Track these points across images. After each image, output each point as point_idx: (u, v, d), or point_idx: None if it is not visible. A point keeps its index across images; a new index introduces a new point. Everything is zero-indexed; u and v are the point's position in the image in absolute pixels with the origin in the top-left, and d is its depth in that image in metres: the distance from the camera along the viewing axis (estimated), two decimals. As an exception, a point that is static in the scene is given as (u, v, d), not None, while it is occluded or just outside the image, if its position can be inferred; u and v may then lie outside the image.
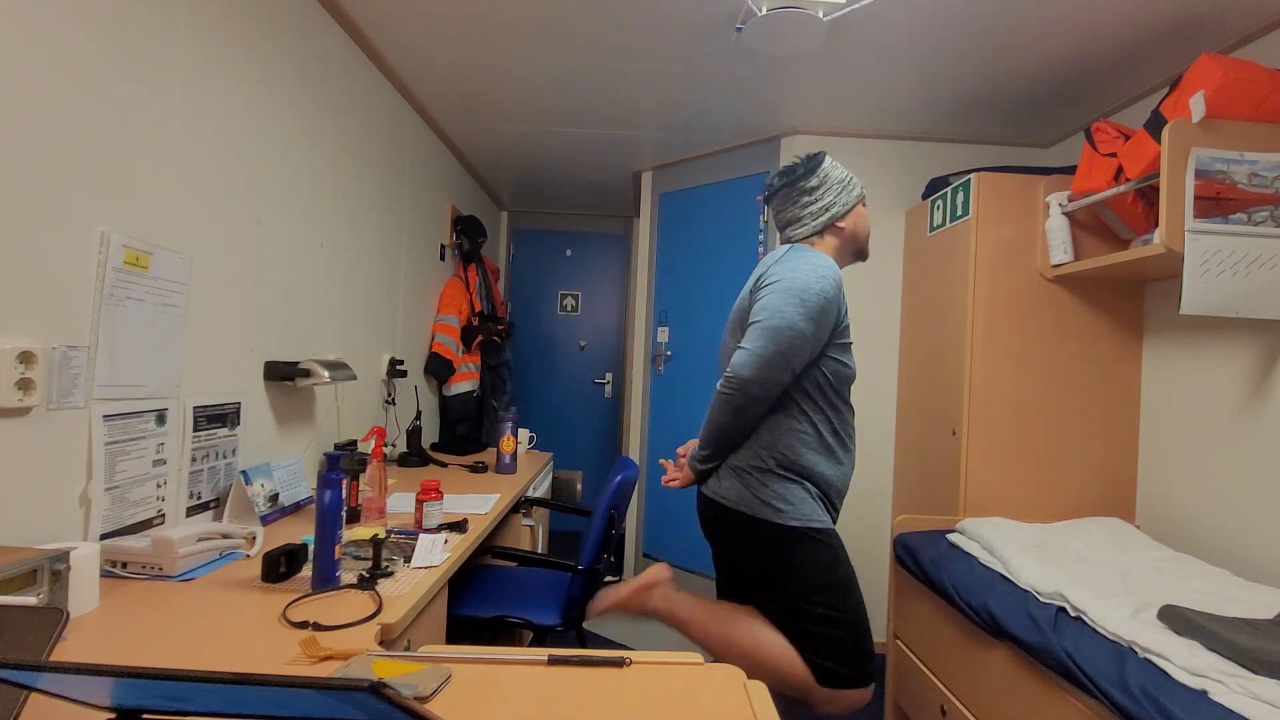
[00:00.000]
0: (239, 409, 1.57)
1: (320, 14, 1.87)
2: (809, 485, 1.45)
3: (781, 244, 1.62)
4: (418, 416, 2.48)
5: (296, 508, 1.67)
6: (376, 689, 0.43)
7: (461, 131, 3.00)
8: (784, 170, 1.59)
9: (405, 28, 2.05)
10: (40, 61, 1.03)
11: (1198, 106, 1.59)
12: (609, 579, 3.44)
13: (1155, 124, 1.69)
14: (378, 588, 1.13)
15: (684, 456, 1.61)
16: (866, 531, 2.77)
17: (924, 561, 1.95)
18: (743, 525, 1.46)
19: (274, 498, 1.57)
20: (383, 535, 1.36)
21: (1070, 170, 2.17)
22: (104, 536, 1.18)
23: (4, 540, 1.00)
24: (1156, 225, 1.72)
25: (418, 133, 2.73)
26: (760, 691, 0.86)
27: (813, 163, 1.54)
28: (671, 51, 2.14)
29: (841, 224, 1.56)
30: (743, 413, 1.42)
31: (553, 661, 0.91)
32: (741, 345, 1.40)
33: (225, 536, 1.28)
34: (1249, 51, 1.86)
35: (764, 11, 1.79)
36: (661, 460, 1.72)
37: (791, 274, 1.41)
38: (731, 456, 1.50)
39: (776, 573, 1.45)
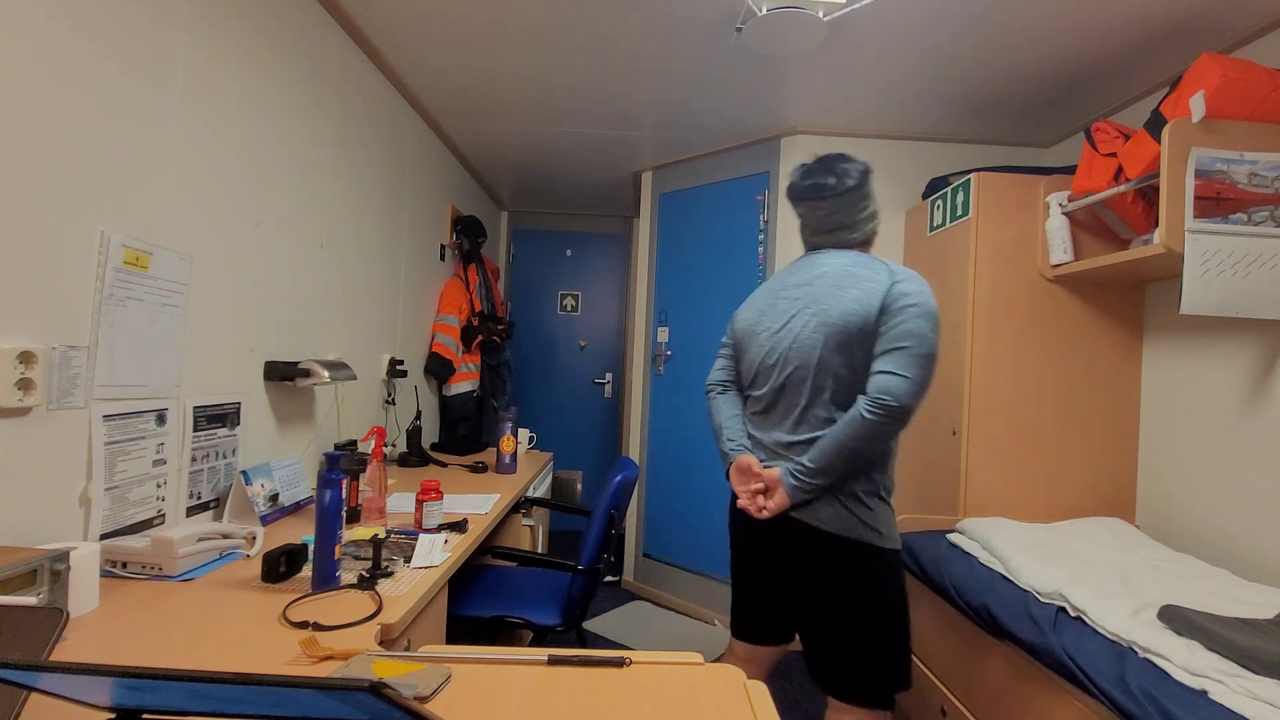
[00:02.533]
0: (239, 409, 1.57)
1: (320, 14, 1.87)
2: (892, 505, 1.42)
3: (814, 248, 1.53)
4: (418, 416, 2.48)
5: (296, 508, 1.67)
6: (376, 689, 0.43)
7: (461, 131, 3.00)
8: (842, 174, 1.46)
9: (405, 28, 2.05)
10: (40, 62, 1.03)
11: (1198, 106, 1.59)
12: (609, 579, 3.44)
13: (1155, 124, 1.69)
14: (378, 588, 1.13)
15: (760, 478, 1.42)
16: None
17: (924, 561, 1.95)
18: (842, 550, 1.36)
19: (274, 498, 1.57)
20: (383, 535, 1.36)
21: (1070, 170, 2.17)
22: (104, 536, 1.18)
23: (4, 540, 1.00)
24: (1156, 225, 1.72)
25: (418, 133, 2.73)
26: (760, 691, 0.86)
27: (867, 173, 1.48)
28: (671, 51, 2.14)
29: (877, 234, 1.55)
30: (889, 440, 1.35)
31: (553, 661, 0.91)
32: (897, 372, 1.30)
33: (225, 536, 1.28)
34: (1249, 51, 1.86)
35: (764, 11, 1.79)
36: (746, 490, 1.45)
37: (920, 295, 1.35)
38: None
39: (873, 598, 1.36)
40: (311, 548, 1.14)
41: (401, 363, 2.57)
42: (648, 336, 3.40)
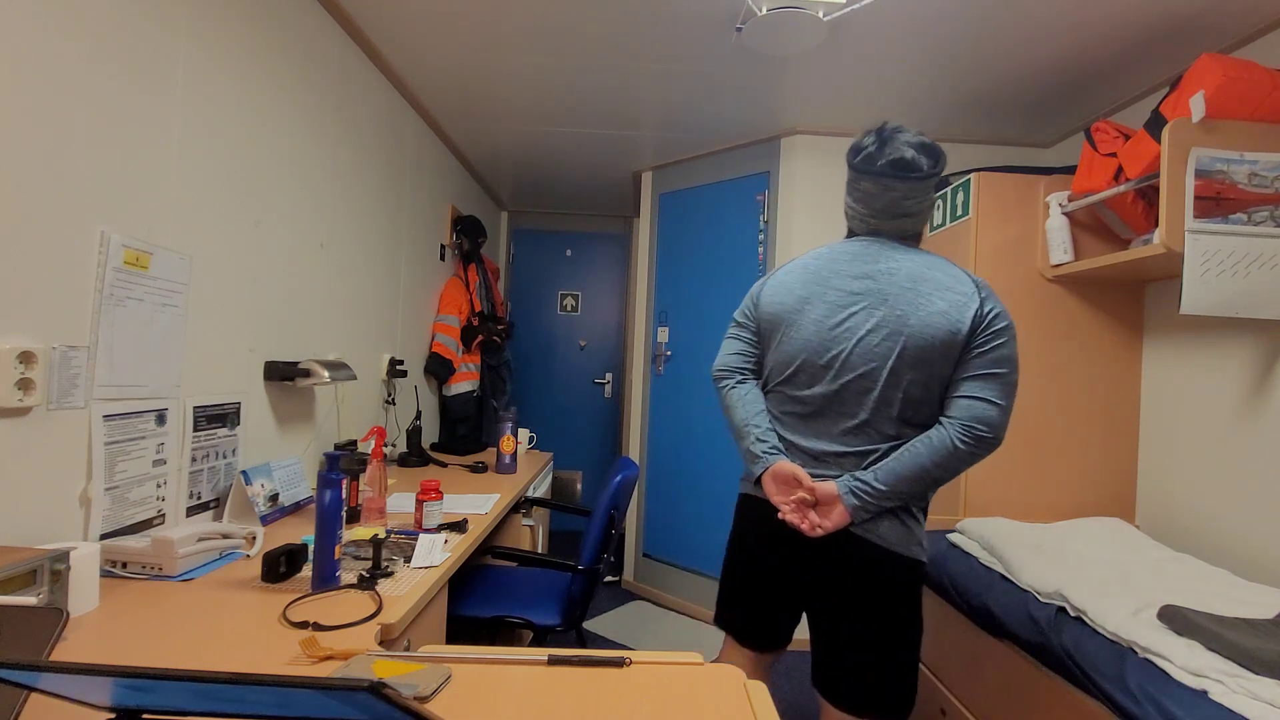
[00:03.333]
0: (239, 409, 1.57)
1: (320, 14, 1.87)
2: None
3: (872, 232, 1.36)
4: (418, 416, 2.48)
5: (296, 508, 1.67)
6: (376, 689, 0.43)
7: (461, 131, 3.00)
8: (929, 152, 1.29)
9: (405, 28, 2.05)
10: (41, 62, 1.03)
11: (1198, 106, 1.59)
12: (609, 579, 3.44)
13: (1155, 124, 1.69)
14: (378, 588, 1.13)
15: (812, 491, 1.28)
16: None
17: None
18: (895, 567, 1.28)
19: (274, 498, 1.57)
20: (383, 535, 1.36)
21: (1070, 170, 2.17)
22: (104, 536, 1.18)
23: (4, 540, 1.00)
24: (1156, 225, 1.72)
25: (418, 133, 2.73)
26: (760, 691, 0.86)
27: (944, 159, 1.31)
28: (671, 51, 2.14)
29: None
30: (969, 467, 1.27)
31: (553, 661, 0.91)
32: (993, 400, 1.22)
33: (225, 536, 1.28)
34: (1249, 51, 1.86)
35: (764, 11, 1.79)
36: (788, 502, 1.30)
37: (1009, 316, 1.27)
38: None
39: (908, 612, 1.30)
40: (311, 548, 1.14)
41: (401, 363, 2.57)
42: (648, 336, 3.40)
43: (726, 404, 1.44)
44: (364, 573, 1.18)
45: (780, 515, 1.30)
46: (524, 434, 2.65)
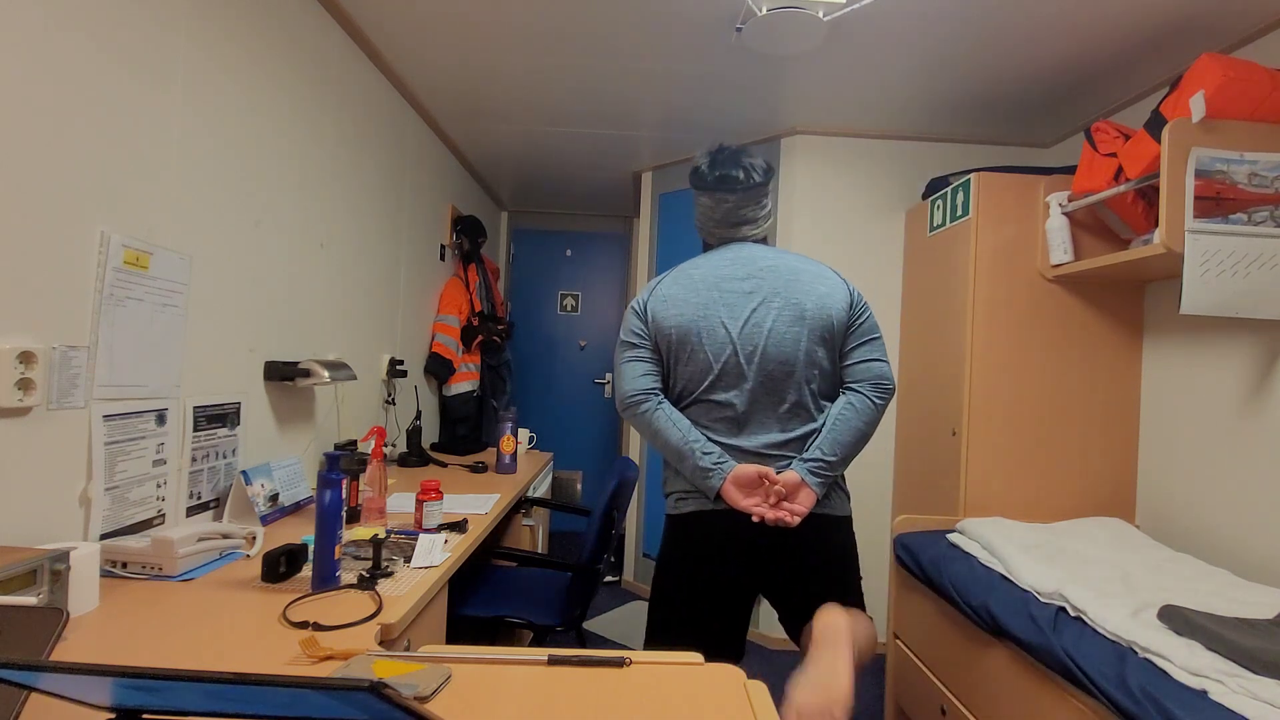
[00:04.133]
0: (239, 409, 1.57)
1: (320, 14, 1.87)
2: None
3: (720, 241, 1.52)
4: (418, 416, 2.48)
5: (296, 508, 1.67)
6: (376, 689, 0.43)
7: (461, 131, 3.00)
8: (749, 168, 1.46)
9: (405, 28, 2.05)
10: (41, 62, 1.03)
11: (1198, 106, 1.59)
12: (609, 579, 3.44)
13: (1155, 124, 1.69)
14: (378, 588, 1.13)
15: (779, 483, 1.33)
16: (867, 531, 2.77)
17: (924, 561, 1.95)
18: (845, 530, 1.45)
19: (274, 498, 1.57)
20: (383, 535, 1.36)
21: (1070, 170, 2.17)
22: (104, 536, 1.18)
23: (4, 540, 1.00)
24: (1156, 225, 1.72)
25: (418, 133, 2.73)
26: (760, 691, 0.86)
27: (771, 171, 1.50)
28: (671, 51, 2.14)
29: None
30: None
31: (553, 661, 0.91)
32: (882, 359, 1.43)
33: (225, 536, 1.28)
34: (1249, 51, 1.86)
35: (764, 11, 1.80)
36: (761, 506, 1.33)
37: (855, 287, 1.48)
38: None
39: (854, 559, 1.48)
40: (311, 548, 1.14)
41: (401, 363, 2.57)
42: (648, 336, 3.39)
43: (654, 427, 1.40)
44: (364, 573, 1.18)
45: (755, 517, 1.32)
46: (524, 434, 2.65)
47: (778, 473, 1.35)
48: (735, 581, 1.40)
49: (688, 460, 1.37)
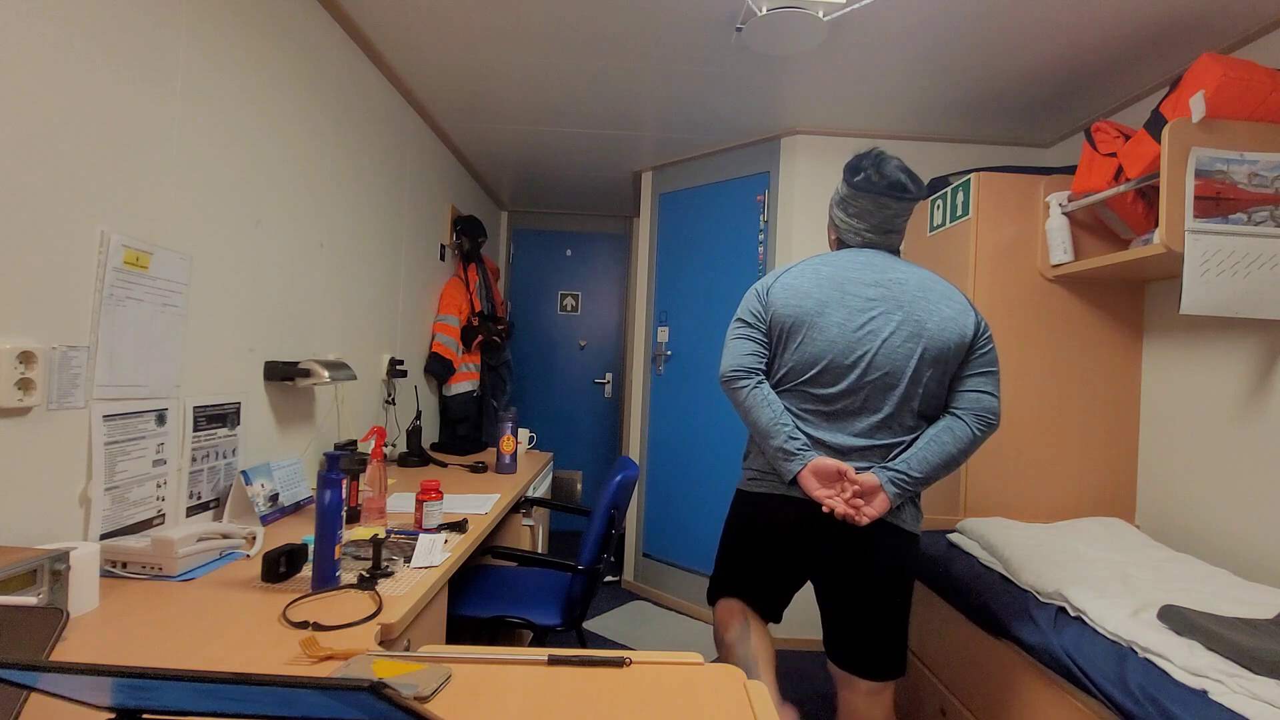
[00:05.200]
0: (239, 409, 1.57)
1: (320, 14, 1.87)
2: None
3: (866, 244, 1.50)
4: (418, 416, 2.48)
5: (296, 508, 1.67)
6: (376, 689, 0.43)
7: (461, 131, 3.00)
8: (916, 179, 1.46)
9: (405, 28, 2.05)
10: (40, 62, 1.03)
11: (1198, 106, 1.59)
12: (609, 579, 3.44)
13: (1155, 124, 1.69)
14: (378, 588, 1.13)
15: (857, 483, 1.35)
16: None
17: (924, 561, 1.95)
18: (910, 545, 1.45)
19: (274, 498, 1.57)
20: (383, 535, 1.36)
21: (1070, 170, 2.17)
22: (104, 536, 1.18)
23: (4, 540, 1.00)
24: (1156, 225, 1.72)
25: (418, 133, 2.73)
26: (760, 691, 0.86)
27: (924, 186, 1.49)
28: (671, 51, 2.14)
29: None
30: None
31: (553, 661, 0.91)
32: (994, 393, 1.42)
33: (225, 536, 1.28)
34: (1249, 51, 1.86)
35: (764, 11, 1.79)
36: (835, 498, 1.36)
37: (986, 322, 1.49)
38: None
39: (910, 579, 1.47)
40: (311, 548, 1.14)
41: (401, 363, 2.57)
42: (648, 336, 3.40)
43: (748, 404, 1.45)
44: (364, 573, 1.18)
45: (826, 508, 1.36)
46: (524, 434, 2.65)
47: (857, 473, 1.38)
48: (793, 563, 1.46)
49: (774, 440, 1.41)
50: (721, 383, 1.50)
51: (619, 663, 0.92)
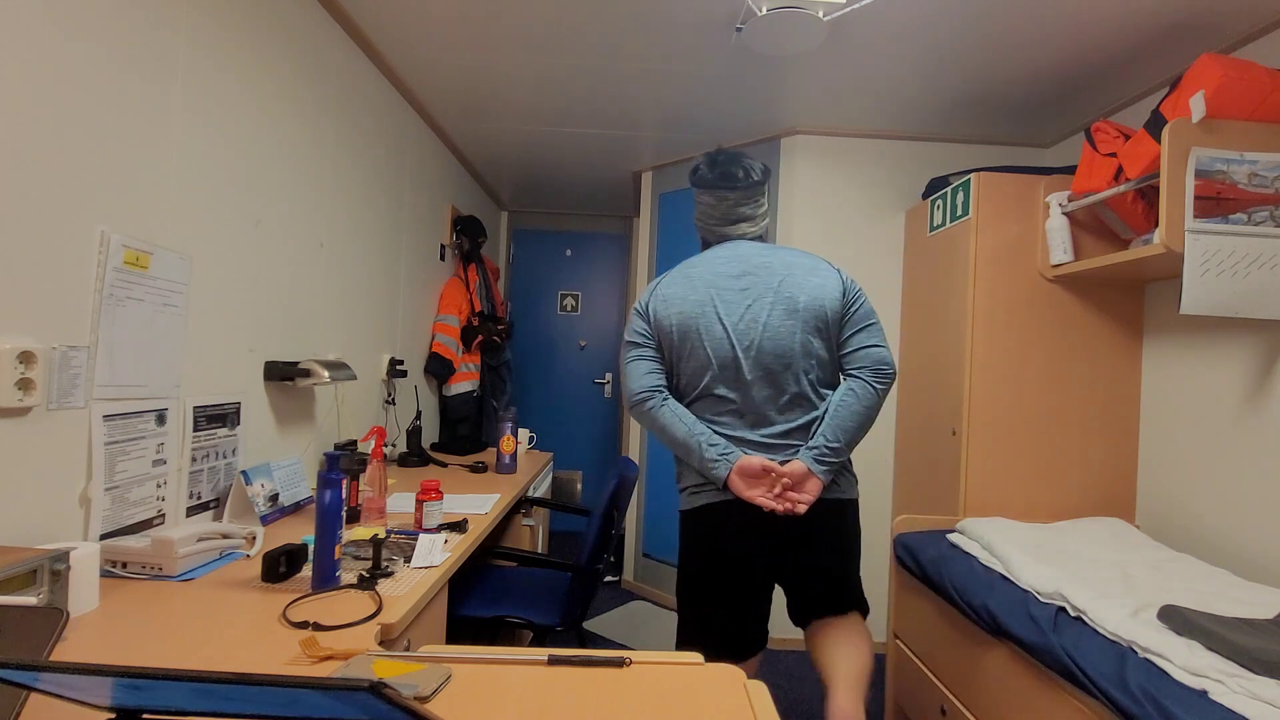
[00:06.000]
0: (239, 409, 1.57)
1: (320, 14, 1.87)
2: None
3: (719, 238, 1.57)
4: (418, 416, 2.48)
5: (296, 508, 1.67)
6: (376, 689, 0.43)
7: (461, 131, 3.00)
8: (748, 168, 1.53)
9: (405, 28, 2.05)
10: (40, 62, 1.03)
11: (1198, 106, 1.59)
12: (609, 579, 3.44)
13: (1155, 124, 1.69)
14: (378, 588, 1.13)
15: (785, 474, 1.38)
16: (867, 531, 2.76)
17: (924, 561, 1.95)
18: (852, 511, 1.51)
19: (274, 498, 1.57)
20: (383, 535, 1.36)
21: (1070, 170, 2.17)
22: (104, 536, 1.18)
23: (4, 540, 1.00)
24: (1156, 225, 1.72)
25: (418, 133, 2.73)
26: (760, 691, 0.86)
27: (768, 172, 1.57)
28: (671, 51, 2.14)
29: None
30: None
31: (553, 661, 0.91)
32: (881, 344, 1.47)
33: (225, 536, 1.28)
34: (1249, 51, 1.86)
35: (764, 11, 1.79)
36: (765, 493, 1.38)
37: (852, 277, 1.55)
38: None
39: (858, 543, 1.55)
40: (311, 548, 1.14)
41: (401, 363, 2.57)
42: (648, 336, 3.39)
43: (660, 423, 1.46)
44: (364, 573, 1.18)
45: (763, 507, 1.38)
46: (524, 434, 2.65)
47: (784, 463, 1.40)
48: (752, 569, 1.47)
49: (694, 453, 1.43)
50: (630, 409, 1.51)
51: (619, 663, 0.92)
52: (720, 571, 1.46)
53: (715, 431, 1.44)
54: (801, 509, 1.37)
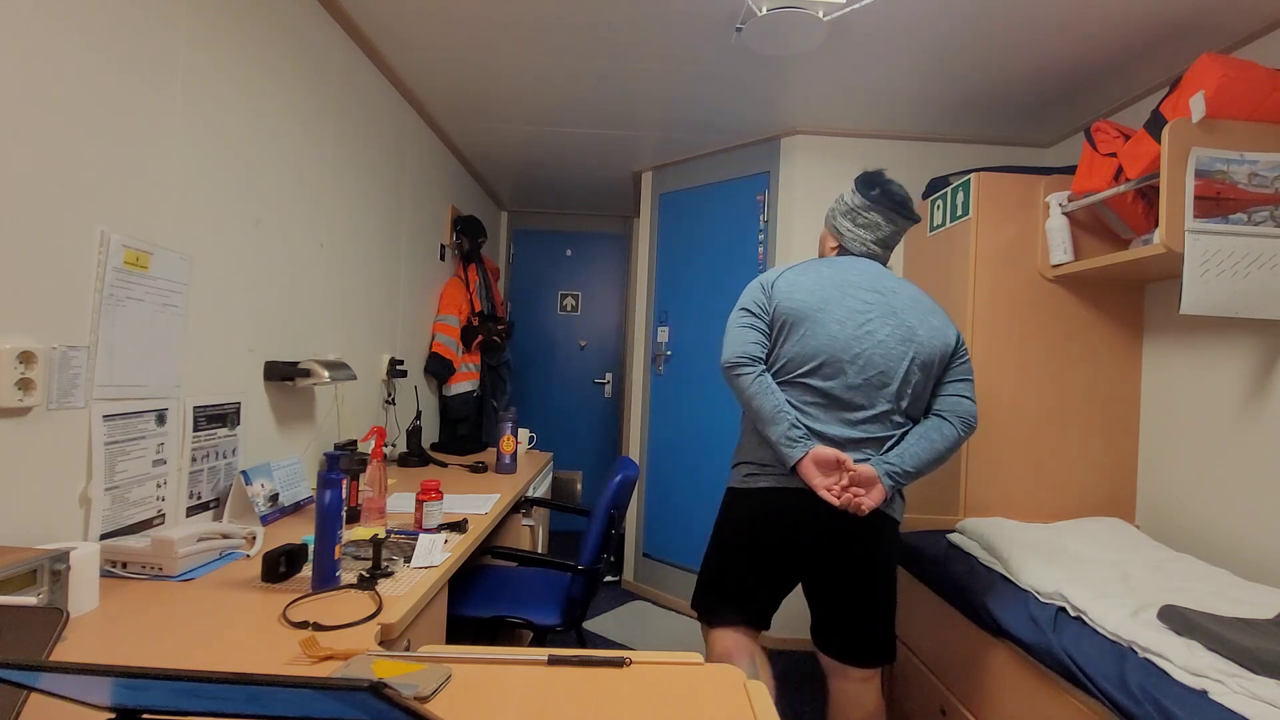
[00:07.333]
0: (239, 409, 1.57)
1: (320, 14, 1.87)
2: None
3: (866, 255, 1.59)
4: (418, 416, 2.48)
5: (296, 508, 1.67)
6: (376, 689, 0.43)
7: (461, 131, 3.00)
8: (913, 209, 1.59)
9: (405, 28, 2.05)
10: (40, 62, 1.03)
11: (1198, 106, 1.59)
12: (609, 579, 3.44)
13: (1155, 124, 1.69)
14: (378, 588, 1.13)
15: (856, 473, 1.40)
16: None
17: (924, 561, 1.95)
18: (893, 532, 1.53)
19: (274, 498, 1.57)
20: (383, 535, 1.36)
21: (1070, 170, 2.17)
22: (104, 536, 1.18)
23: (4, 540, 1.00)
24: (1156, 225, 1.72)
25: (418, 133, 2.73)
26: (760, 691, 0.86)
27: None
28: (671, 51, 2.14)
29: None
30: None
31: (553, 661, 0.91)
32: (972, 398, 1.52)
33: (225, 536, 1.28)
34: (1249, 51, 1.86)
35: (764, 11, 1.79)
36: (829, 483, 1.41)
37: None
38: None
39: (895, 569, 1.56)
40: (311, 548, 1.14)
41: (401, 363, 2.57)
42: (648, 336, 3.40)
43: (751, 390, 1.48)
44: (364, 573, 1.18)
45: (827, 496, 1.40)
46: (524, 434, 2.65)
47: (854, 463, 1.42)
48: (789, 560, 1.51)
49: (777, 426, 1.45)
50: (725, 369, 1.53)
51: (619, 663, 0.92)
52: (758, 549, 1.52)
53: (799, 417, 1.48)
54: (864, 510, 1.39)
